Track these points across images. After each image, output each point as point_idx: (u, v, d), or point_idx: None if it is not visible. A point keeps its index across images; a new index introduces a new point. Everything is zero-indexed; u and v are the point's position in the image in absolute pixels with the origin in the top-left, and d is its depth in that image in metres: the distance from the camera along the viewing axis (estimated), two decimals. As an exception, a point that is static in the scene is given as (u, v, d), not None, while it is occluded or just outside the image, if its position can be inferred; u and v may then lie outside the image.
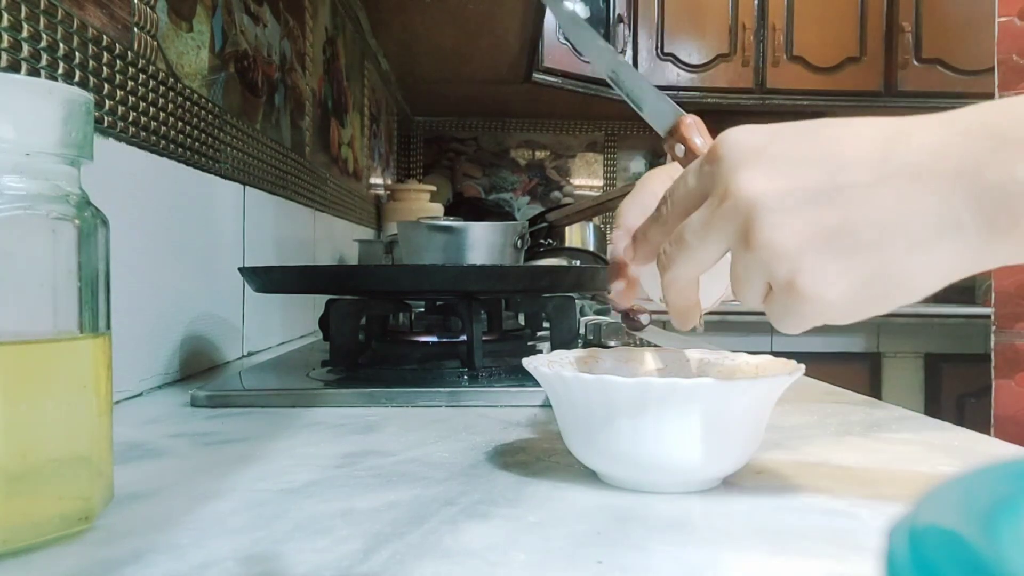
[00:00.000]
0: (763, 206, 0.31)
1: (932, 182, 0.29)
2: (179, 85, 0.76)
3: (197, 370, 0.79)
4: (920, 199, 0.29)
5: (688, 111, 0.43)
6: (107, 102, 0.62)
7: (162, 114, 0.72)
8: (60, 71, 0.55)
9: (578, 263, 1.33)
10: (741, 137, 0.33)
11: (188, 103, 0.78)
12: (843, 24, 2.49)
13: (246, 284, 0.76)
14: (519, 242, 0.98)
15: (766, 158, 0.32)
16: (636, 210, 0.45)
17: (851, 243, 0.30)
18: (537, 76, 2.26)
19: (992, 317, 1.32)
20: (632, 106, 0.45)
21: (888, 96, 2.49)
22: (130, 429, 0.52)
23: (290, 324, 1.18)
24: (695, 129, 0.43)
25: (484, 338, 0.71)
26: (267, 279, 0.68)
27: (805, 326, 0.33)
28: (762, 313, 0.34)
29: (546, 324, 0.86)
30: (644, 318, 0.98)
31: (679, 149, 0.43)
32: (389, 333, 0.78)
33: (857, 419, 0.55)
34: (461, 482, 0.39)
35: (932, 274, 0.30)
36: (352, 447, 0.46)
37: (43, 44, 0.53)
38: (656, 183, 0.47)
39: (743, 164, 0.32)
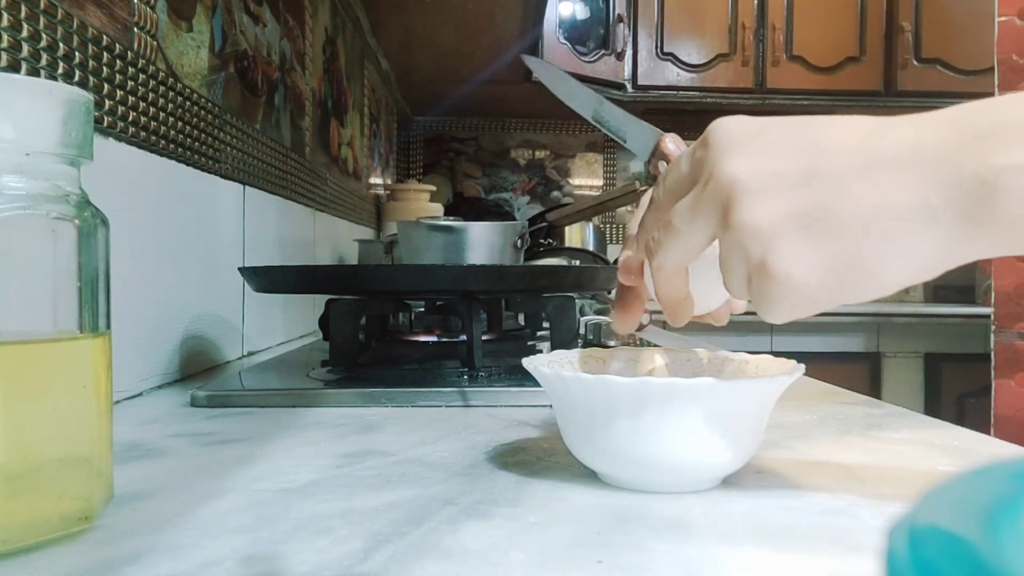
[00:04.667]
0: (743, 187, 0.31)
1: (909, 172, 0.29)
2: (179, 85, 0.76)
3: (197, 370, 0.79)
4: (896, 189, 0.29)
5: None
6: (107, 102, 0.62)
7: (162, 114, 0.72)
8: (60, 71, 0.55)
9: (578, 263, 1.33)
10: (731, 123, 0.34)
11: (188, 103, 0.78)
12: (843, 24, 2.49)
13: (246, 284, 0.76)
14: (519, 242, 0.98)
15: (753, 143, 0.32)
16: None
17: (825, 228, 0.30)
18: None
19: (992, 317, 1.32)
20: (617, 140, 0.47)
21: (888, 96, 2.49)
22: (130, 429, 0.52)
23: (290, 324, 1.18)
24: (673, 143, 0.44)
25: (484, 338, 0.71)
26: (267, 279, 0.68)
27: (781, 312, 0.32)
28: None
29: (546, 324, 0.86)
30: (644, 318, 0.98)
31: (662, 166, 0.45)
32: (389, 333, 0.78)
33: (857, 419, 0.55)
34: (461, 482, 0.39)
35: (905, 265, 0.30)
36: (352, 447, 0.46)
37: (43, 44, 0.53)
38: None
39: (729, 148, 0.33)
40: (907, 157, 0.30)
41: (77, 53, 0.57)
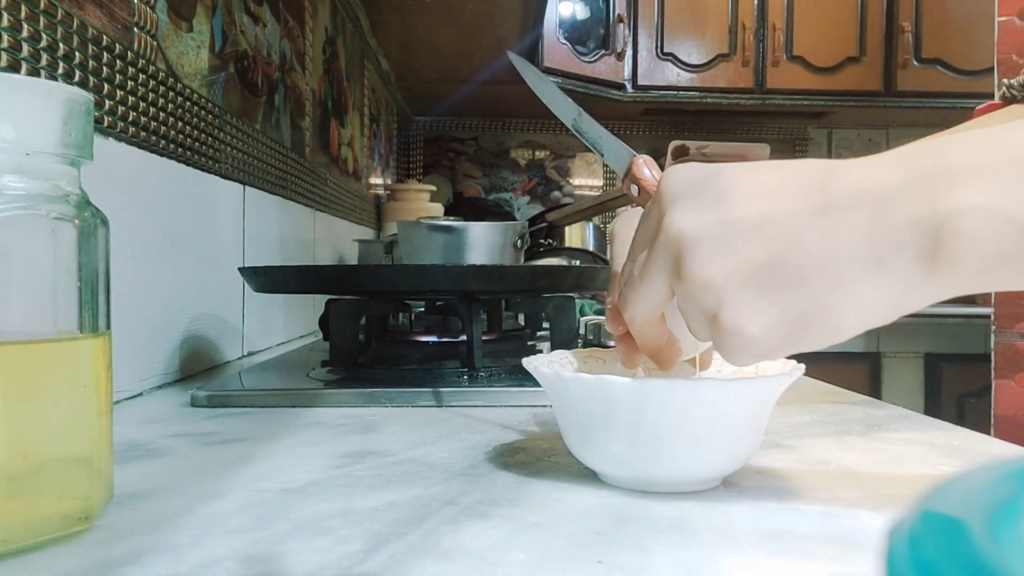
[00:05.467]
0: (692, 239, 0.31)
1: (856, 217, 0.29)
2: (179, 85, 0.76)
3: (197, 370, 0.79)
4: (845, 235, 0.29)
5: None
6: (107, 102, 0.62)
7: (162, 114, 0.72)
8: (60, 71, 0.55)
9: (578, 263, 1.33)
10: (679, 173, 0.33)
11: (188, 103, 0.78)
12: (843, 24, 2.49)
13: (246, 284, 0.76)
14: (519, 242, 0.98)
15: (701, 192, 0.32)
16: (622, 257, 0.45)
17: (774, 279, 0.30)
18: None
19: (992, 317, 1.32)
20: (595, 152, 0.47)
21: (888, 96, 2.49)
22: (130, 429, 0.52)
23: (290, 324, 1.18)
24: (646, 167, 0.44)
25: (484, 338, 0.71)
26: (267, 279, 0.68)
27: (741, 360, 0.32)
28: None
29: (546, 324, 0.86)
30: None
31: (634, 189, 0.44)
32: (389, 333, 0.78)
33: (857, 419, 0.55)
34: (461, 482, 0.39)
35: (859, 314, 0.29)
36: (352, 447, 0.46)
37: (43, 44, 0.53)
38: (633, 220, 0.47)
39: (677, 199, 0.32)
40: (855, 201, 0.29)
41: (77, 53, 0.57)
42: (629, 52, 2.46)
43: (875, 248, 0.28)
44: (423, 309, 0.81)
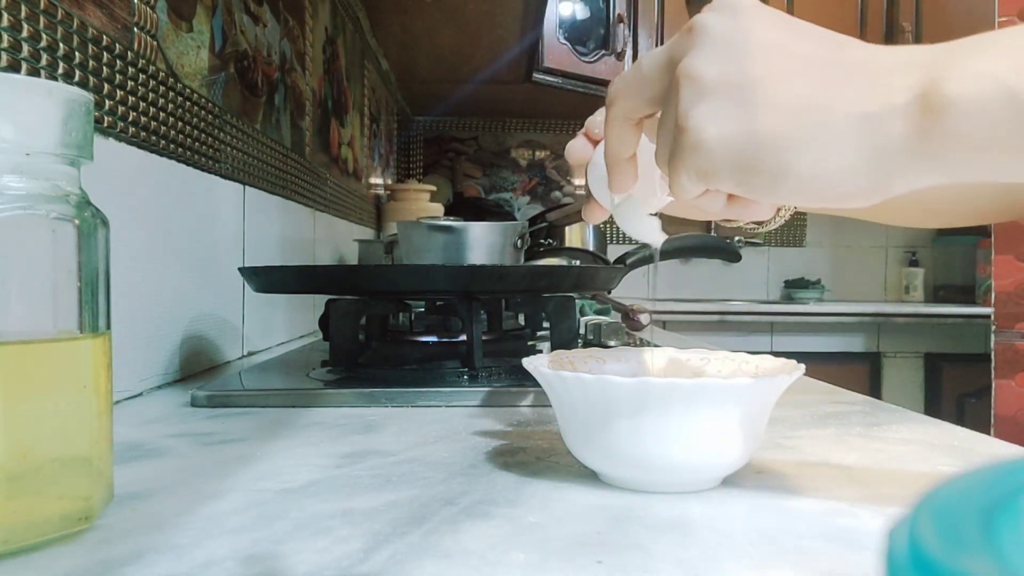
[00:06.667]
0: (706, 36, 0.32)
1: (857, 76, 0.30)
2: (179, 85, 0.76)
3: (197, 370, 0.79)
4: (841, 88, 0.30)
5: None
6: (107, 102, 0.62)
7: (162, 114, 0.72)
8: (60, 71, 0.55)
9: (578, 263, 1.33)
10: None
11: (188, 103, 0.78)
12: (843, 24, 2.49)
13: (246, 284, 0.76)
14: (519, 242, 0.98)
15: (750, 5, 0.33)
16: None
17: (757, 96, 0.31)
18: (537, 76, 2.26)
19: (992, 317, 1.32)
20: None
21: (888, 96, 2.49)
22: (130, 429, 0.52)
23: (290, 324, 1.18)
24: None
25: (484, 338, 0.71)
26: (267, 279, 0.68)
27: (686, 165, 0.32)
28: (762, 313, 0.34)
29: (546, 324, 0.86)
30: (644, 318, 0.98)
31: None
32: (389, 333, 0.78)
33: (857, 419, 0.55)
34: (461, 482, 0.39)
35: (813, 163, 0.30)
36: (352, 447, 0.46)
37: (43, 44, 0.53)
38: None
39: (723, 5, 0.33)
40: (860, 66, 0.30)
41: (77, 53, 0.57)
42: (629, 52, 2.45)
43: (865, 105, 0.29)
44: (423, 309, 0.81)
